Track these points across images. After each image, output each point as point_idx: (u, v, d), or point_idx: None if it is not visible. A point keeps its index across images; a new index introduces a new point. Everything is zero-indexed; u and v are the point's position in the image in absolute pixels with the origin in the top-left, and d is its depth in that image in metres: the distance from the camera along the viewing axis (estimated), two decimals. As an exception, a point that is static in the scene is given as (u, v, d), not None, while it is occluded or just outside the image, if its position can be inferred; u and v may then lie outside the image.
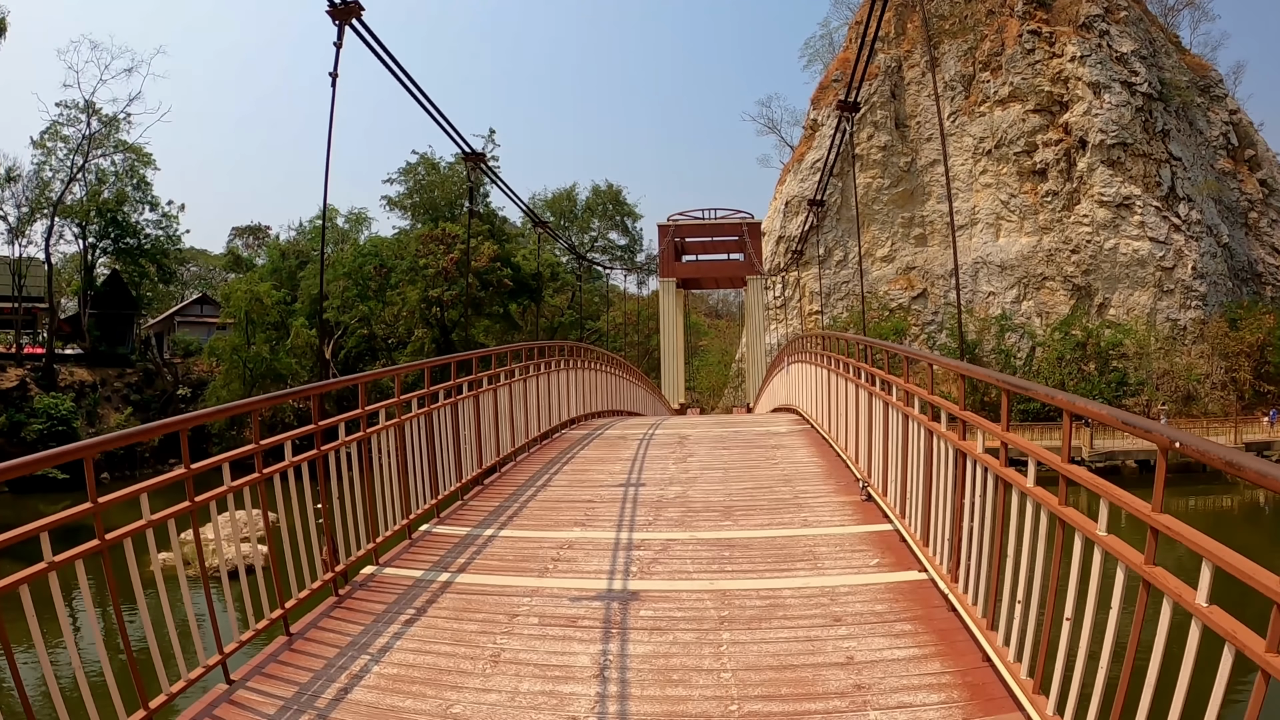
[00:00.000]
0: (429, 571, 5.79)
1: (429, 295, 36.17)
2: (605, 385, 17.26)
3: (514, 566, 5.90)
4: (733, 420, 16.34)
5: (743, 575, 5.51)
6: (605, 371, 17.53)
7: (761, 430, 13.17)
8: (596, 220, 59.02)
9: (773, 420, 15.19)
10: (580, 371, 14.98)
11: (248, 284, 39.72)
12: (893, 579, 5.34)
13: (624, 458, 10.44)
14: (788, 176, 50.40)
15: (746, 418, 17.87)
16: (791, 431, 12.61)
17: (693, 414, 44.00)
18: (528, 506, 7.82)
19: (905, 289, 47.23)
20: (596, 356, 17.27)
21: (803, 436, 11.94)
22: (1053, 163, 46.03)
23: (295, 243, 48.00)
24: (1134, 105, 46.45)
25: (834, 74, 50.91)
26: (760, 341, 36.09)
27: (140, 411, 41.65)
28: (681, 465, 9.78)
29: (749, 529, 6.71)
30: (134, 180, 47.40)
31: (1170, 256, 45.01)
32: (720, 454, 10.59)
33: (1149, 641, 2.67)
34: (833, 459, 9.67)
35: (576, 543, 6.45)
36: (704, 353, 63.68)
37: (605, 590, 5.29)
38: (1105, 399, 40.48)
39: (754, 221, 38.52)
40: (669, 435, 12.54)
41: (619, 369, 19.44)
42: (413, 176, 43.81)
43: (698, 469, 9.49)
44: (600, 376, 16.80)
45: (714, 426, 14.10)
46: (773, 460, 10.01)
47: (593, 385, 15.94)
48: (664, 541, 6.38)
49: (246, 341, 37.85)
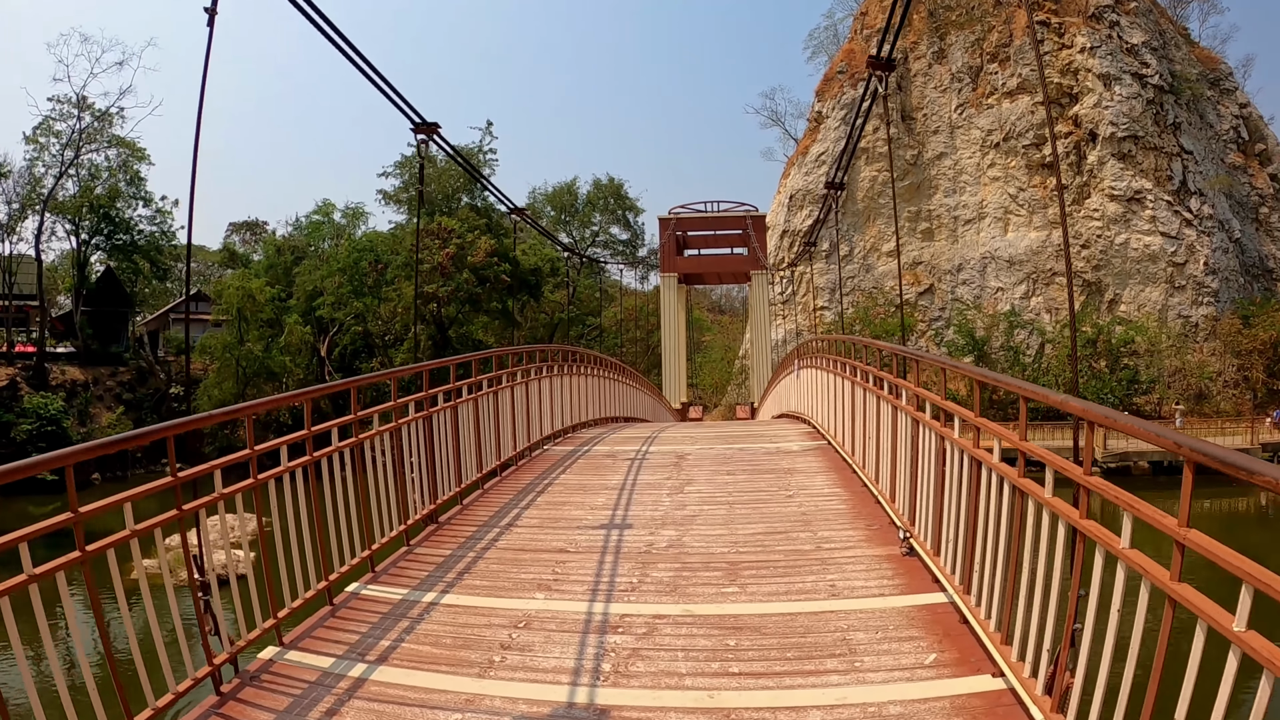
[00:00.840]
0: (341, 660, 4.49)
1: (424, 291, 35.34)
2: (598, 391, 16.07)
3: (450, 656, 4.53)
4: (738, 432, 14.68)
5: (754, 682, 4.15)
6: (599, 376, 16.41)
7: (771, 448, 11.51)
8: (598, 215, 58.20)
9: (782, 433, 13.57)
10: (570, 378, 13.86)
11: (240, 280, 38.92)
12: (958, 690, 3.93)
13: (610, 485, 9.00)
14: (792, 170, 49.58)
15: (753, 427, 16.27)
16: (805, 449, 11.13)
17: (695, 413, 43.15)
18: (485, 557, 6.37)
19: (911, 284, 46.41)
20: (589, 360, 16.31)
21: (819, 456, 10.43)
22: (1062, 156, 45.13)
23: (291, 238, 47.18)
24: (1145, 98, 45.56)
25: (839, 65, 50.06)
26: (765, 338, 35.30)
27: (132, 410, 40.93)
28: (677, 497, 8.32)
29: (760, 599, 5.30)
30: (127, 175, 46.64)
31: (1182, 252, 44.18)
32: (724, 480, 9.19)
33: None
34: (858, 489, 8.25)
35: (536, 617, 5.08)
36: (707, 349, 62.95)
37: (564, 706, 3.95)
38: (1116, 397, 39.71)
39: (758, 214, 37.40)
40: (664, 454, 11.01)
41: (614, 372, 18.32)
42: (408, 169, 42.89)
43: (696, 503, 8.05)
44: (593, 382, 15.70)
45: (716, 441, 12.54)
46: (786, 491, 8.48)
47: (584, 392, 14.80)
48: (650, 619, 4.99)
49: (240, 339, 37.04)
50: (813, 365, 13.17)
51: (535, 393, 11.50)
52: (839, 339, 10.82)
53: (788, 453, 10.99)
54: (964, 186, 46.39)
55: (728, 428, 16.31)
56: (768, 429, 15.12)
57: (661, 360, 36.89)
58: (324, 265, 38.43)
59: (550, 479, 9.40)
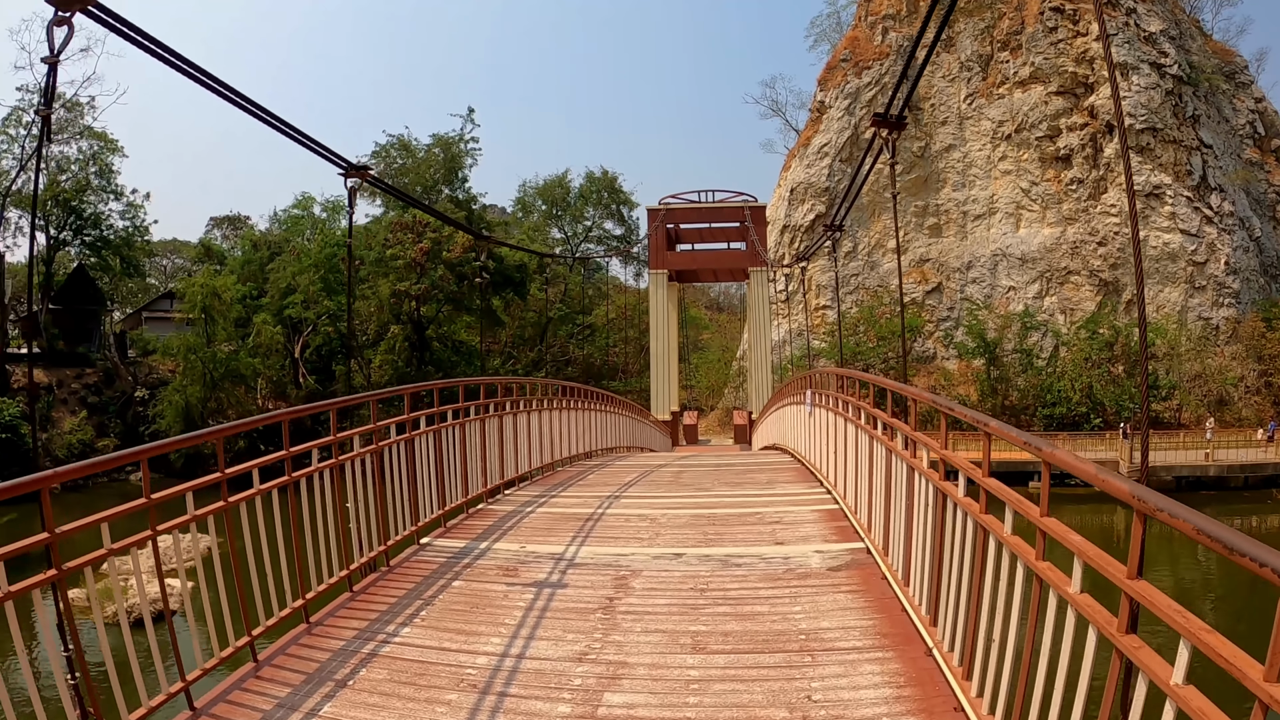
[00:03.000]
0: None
1: (398, 289, 33.05)
2: (557, 428, 12.69)
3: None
4: (727, 503, 9.61)
5: None
6: (560, 409, 13.12)
7: (777, 562, 6.47)
8: (591, 209, 55.93)
9: (788, 498, 9.26)
10: (524, 415, 10.95)
11: (206, 278, 36.66)
12: None
13: (479, 661, 4.69)
14: (793, 162, 47.43)
15: (750, 491, 10.40)
16: (827, 555, 6.57)
17: (690, 419, 40.90)
18: None
19: (919, 282, 44.28)
20: (553, 391, 13.49)
21: (851, 574, 6.07)
22: (1077, 148, 43.02)
23: (267, 233, 44.95)
24: (1164, 88, 43.44)
25: (842, 53, 47.86)
26: (764, 340, 32.89)
27: (97, 414, 38.76)
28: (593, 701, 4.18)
29: None
30: (97, 168, 44.47)
31: (1202, 250, 42.10)
32: (695, 637, 4.97)
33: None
34: (919, 661, 4.42)
35: None
36: (704, 348, 60.73)
37: None
38: (1135, 403, 37.62)
39: (757, 205, 34.33)
40: (601, 567, 6.46)
41: (584, 400, 15.35)
42: (384, 159, 40.59)
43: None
44: (552, 417, 12.52)
45: (691, 527, 7.87)
46: (805, 674, 4.37)
47: (538, 430, 11.60)
48: None
49: (207, 339, 34.80)
50: (829, 407, 8.87)
51: (461, 440, 8.97)
52: (870, 379, 6.85)
53: (802, 565, 6.34)
54: (973, 180, 44.27)
55: (714, 491, 10.43)
56: (772, 501, 9.27)
57: (651, 365, 34.08)
58: (295, 262, 36.19)
59: (390, 634, 5.10)
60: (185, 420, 33.43)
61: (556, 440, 12.77)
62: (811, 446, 10.98)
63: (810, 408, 10.53)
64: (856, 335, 41.93)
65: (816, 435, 10.25)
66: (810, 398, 10.57)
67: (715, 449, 33.85)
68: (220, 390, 34.55)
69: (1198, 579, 19.75)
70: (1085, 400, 37.35)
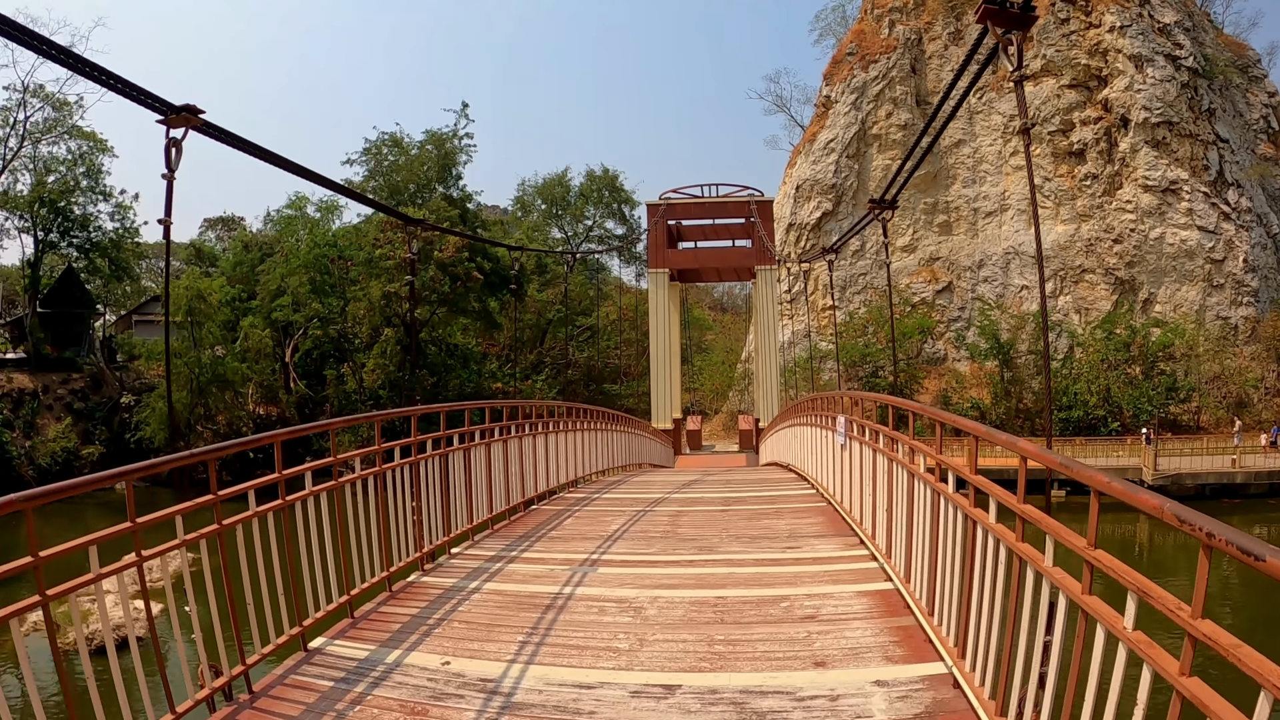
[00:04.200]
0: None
1: (387, 291, 31.77)
2: (540, 454, 11.04)
3: None
4: (739, 567, 7.16)
5: None
6: (545, 433, 11.29)
7: (825, 700, 4.16)
8: (592, 208, 54.72)
9: (821, 566, 7.02)
10: (496, 444, 9.28)
11: (190, 280, 35.47)
12: None
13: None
14: (798, 158, 46.26)
15: (766, 543, 8.15)
16: (893, 693, 4.23)
17: (693, 424, 39.67)
18: None
19: (929, 281, 43.09)
20: (535, 413, 11.41)
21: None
22: (1091, 143, 41.82)
23: (259, 234, 43.76)
24: (1179, 81, 42.23)
25: (848, 46, 46.68)
26: (772, 342, 31.46)
27: (82, 421, 37.62)
28: None
29: None
30: (85, 168, 43.38)
31: (1220, 247, 40.89)
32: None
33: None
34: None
35: None
36: (708, 349, 59.47)
37: None
38: (1154, 406, 36.42)
39: (764, 199, 32.26)
40: (551, 713, 4.21)
41: (575, 420, 13.34)
42: (374, 156, 39.35)
43: None
44: (535, 443, 10.80)
45: (691, 626, 5.56)
46: None
47: (518, 459, 9.99)
48: None
49: (193, 343, 33.62)
50: (880, 448, 6.54)
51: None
52: (958, 424, 4.79)
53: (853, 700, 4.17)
54: (984, 176, 43.08)
55: (721, 550, 7.84)
56: (801, 573, 6.89)
57: (651, 370, 32.25)
58: (284, 263, 34.96)
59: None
60: (171, 428, 32.28)
61: (534, 471, 10.62)
62: (841, 483, 8.78)
63: (844, 438, 8.28)
64: (865, 336, 40.73)
65: (849, 472, 8.08)
66: (844, 425, 8.29)
67: (720, 458, 32.55)
68: (209, 396, 33.38)
69: (1216, 585, 18.64)
70: (1103, 403, 36.12)
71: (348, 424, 6.12)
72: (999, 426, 38.38)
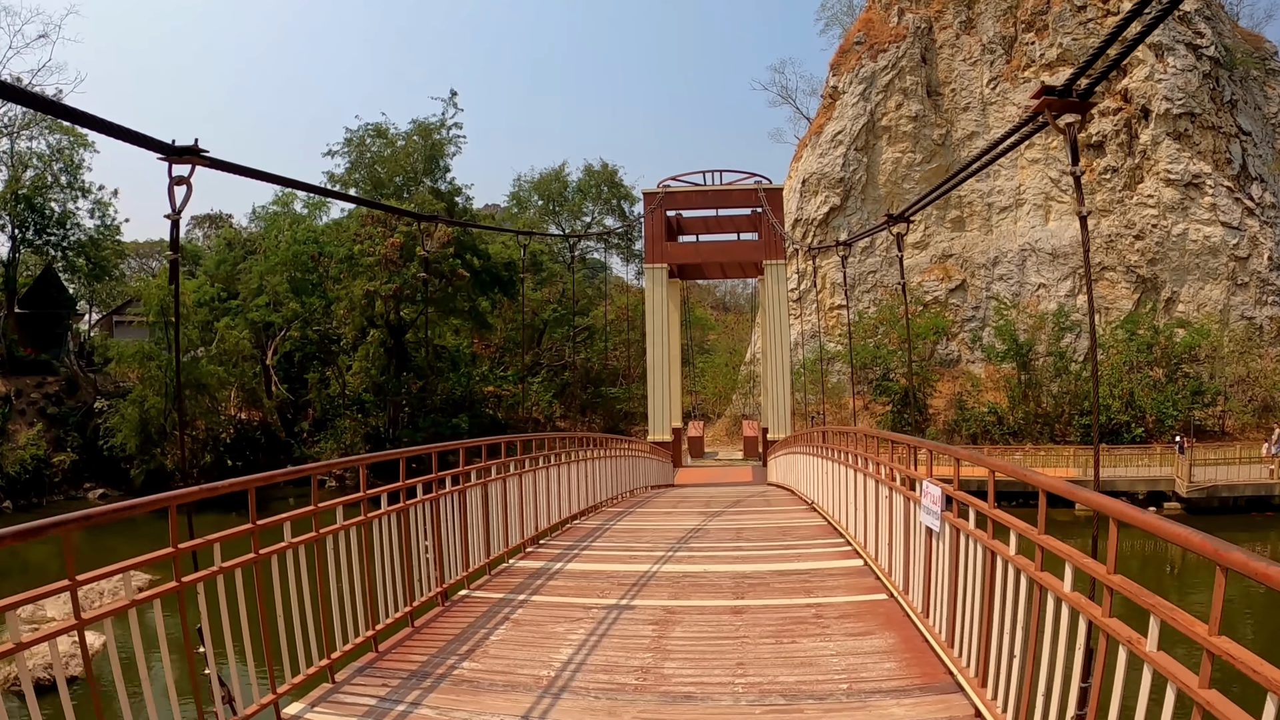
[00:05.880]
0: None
1: (368, 289, 29.93)
2: (508, 499, 8.78)
3: None
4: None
5: None
6: (516, 474, 9.03)
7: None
8: (590, 204, 53.04)
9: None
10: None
11: (163, 278, 33.67)
12: None
13: None
14: (804, 151, 44.54)
15: (806, 672, 5.29)
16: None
17: (695, 429, 38.03)
18: None
19: (941, 280, 41.37)
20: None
21: None
22: (1111, 135, 40.11)
23: (243, 231, 42.03)
24: (1201, 70, 40.54)
25: (855, 35, 44.94)
26: (782, 343, 29.48)
27: (55, 426, 35.85)
28: None
29: None
30: (62, 163, 41.75)
31: (1245, 244, 39.22)
32: None
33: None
34: None
35: None
36: (711, 350, 57.62)
37: None
38: (1179, 411, 34.73)
39: (773, 187, 29.73)
40: None
41: (558, 451, 11.01)
42: (356, 148, 37.45)
43: None
44: (504, 487, 8.60)
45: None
46: None
47: (479, 511, 7.92)
48: None
49: (168, 345, 31.86)
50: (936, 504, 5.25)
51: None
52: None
53: None
54: (998, 170, 41.35)
55: (744, 679, 5.19)
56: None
57: (648, 375, 29.44)
58: (262, 261, 33.16)
59: None
60: (143, 435, 30.50)
61: (492, 527, 8.16)
62: (915, 575, 6.04)
63: (938, 522, 5.21)
64: (876, 336, 39.01)
65: (943, 569, 5.25)
66: (938, 500, 5.17)
67: (724, 470, 30.70)
68: (190, 399, 31.58)
69: (1237, 596, 17.07)
70: (1126, 408, 34.39)
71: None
72: (1016, 432, 36.94)
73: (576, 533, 10.67)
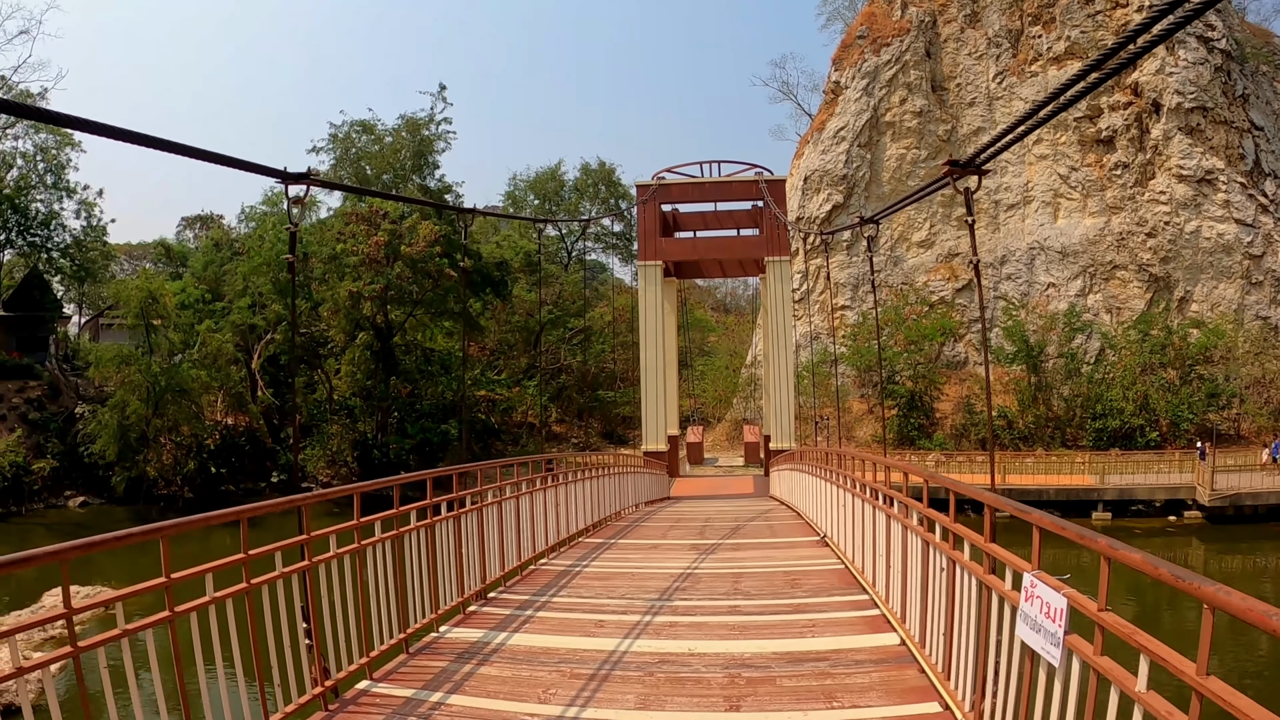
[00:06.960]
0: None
1: (352, 290, 28.85)
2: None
3: None
4: None
5: None
6: (486, 505, 8.06)
7: None
8: (586, 203, 52.04)
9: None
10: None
11: (142, 280, 32.58)
12: None
13: None
14: (806, 148, 43.48)
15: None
16: None
17: (694, 435, 36.84)
18: None
19: (947, 279, 40.28)
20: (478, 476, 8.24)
21: None
22: (1121, 129, 39.04)
23: (230, 231, 41.01)
24: (1212, 64, 39.49)
25: (858, 30, 43.88)
26: (785, 344, 28.24)
27: (37, 432, 34.79)
28: None
29: None
30: (46, 163, 40.83)
31: (1259, 242, 38.17)
32: None
33: None
34: None
35: None
36: (711, 352, 56.44)
37: None
38: (1194, 414, 33.64)
39: (775, 179, 28.19)
40: None
41: (538, 477, 10.07)
42: (341, 144, 36.34)
43: None
44: (469, 520, 7.51)
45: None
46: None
47: (423, 556, 6.50)
48: None
49: (149, 349, 30.75)
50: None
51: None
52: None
53: None
54: (1006, 166, 40.26)
55: None
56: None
57: (641, 380, 27.97)
58: (245, 262, 32.12)
59: None
60: (123, 442, 29.42)
61: (412, 586, 6.31)
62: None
63: (1059, 652, 3.21)
64: (882, 335, 37.92)
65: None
66: (1061, 614, 3.21)
67: (725, 480, 29.49)
68: (165, 406, 30.53)
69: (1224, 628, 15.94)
70: (1140, 411, 33.27)
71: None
72: (1026, 437, 35.81)
73: (540, 578, 8.98)
